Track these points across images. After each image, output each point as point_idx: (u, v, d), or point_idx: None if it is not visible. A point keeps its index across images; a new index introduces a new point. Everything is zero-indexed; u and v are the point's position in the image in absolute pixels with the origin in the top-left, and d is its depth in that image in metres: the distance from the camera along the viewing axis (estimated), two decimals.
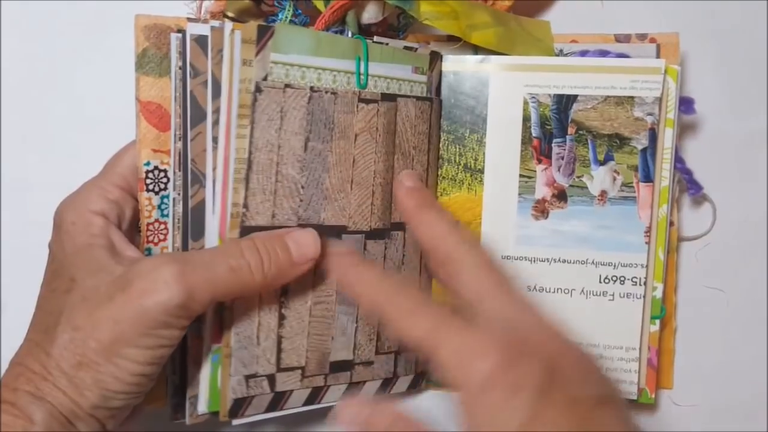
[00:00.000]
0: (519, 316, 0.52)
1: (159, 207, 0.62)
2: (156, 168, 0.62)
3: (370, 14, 0.64)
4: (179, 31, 0.59)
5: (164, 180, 0.62)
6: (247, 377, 0.60)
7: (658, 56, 0.68)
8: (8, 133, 0.72)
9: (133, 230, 0.63)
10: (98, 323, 0.53)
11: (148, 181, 0.62)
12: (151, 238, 0.62)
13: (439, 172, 0.68)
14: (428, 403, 0.73)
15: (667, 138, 0.66)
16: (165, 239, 0.62)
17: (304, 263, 0.59)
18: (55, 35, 0.72)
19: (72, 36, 0.72)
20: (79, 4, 0.72)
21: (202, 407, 0.61)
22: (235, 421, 0.61)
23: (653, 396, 0.68)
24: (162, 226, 0.62)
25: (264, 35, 0.57)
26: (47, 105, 0.72)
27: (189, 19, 0.60)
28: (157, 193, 0.62)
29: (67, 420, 0.52)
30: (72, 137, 0.72)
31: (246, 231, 0.58)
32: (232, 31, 0.57)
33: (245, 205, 0.58)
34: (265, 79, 0.57)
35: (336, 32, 0.63)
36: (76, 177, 0.62)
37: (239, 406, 0.60)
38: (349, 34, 0.63)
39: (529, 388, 0.47)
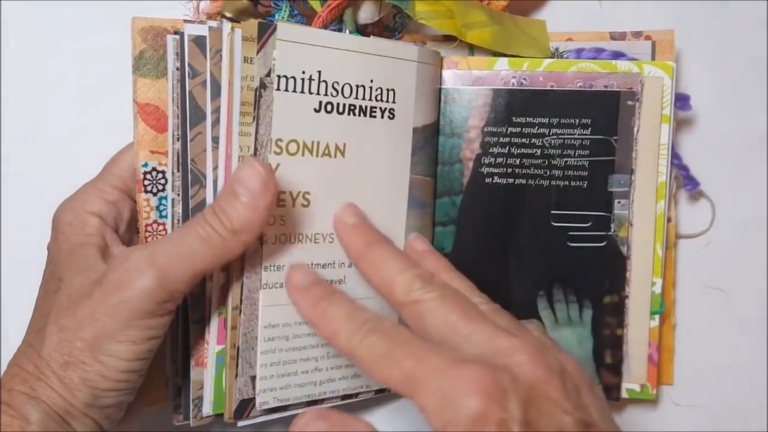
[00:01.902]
0: (493, 344, 0.49)
1: (157, 208, 0.62)
2: (154, 169, 0.61)
3: (366, 14, 0.64)
4: (176, 32, 0.59)
5: (162, 181, 0.62)
6: (254, 378, 0.59)
7: (653, 53, 0.68)
8: (8, 133, 0.71)
9: (131, 231, 0.63)
10: (82, 322, 0.53)
11: (146, 182, 0.61)
12: (149, 240, 0.62)
13: None
14: None
15: (663, 134, 0.66)
16: None
17: (263, 198, 0.54)
18: (55, 36, 0.72)
19: (71, 37, 0.71)
20: (79, 5, 0.71)
21: (207, 409, 0.61)
22: (241, 423, 0.60)
23: (654, 392, 0.68)
24: (160, 227, 0.62)
25: (265, 32, 0.57)
26: (47, 106, 0.72)
27: (186, 21, 0.60)
28: (155, 195, 0.62)
29: (62, 419, 0.53)
30: (72, 138, 0.71)
31: None
32: (233, 29, 0.57)
33: None
34: (268, 75, 0.57)
35: (334, 31, 0.63)
36: (75, 177, 0.62)
37: (245, 407, 0.59)
38: (347, 33, 0.63)
39: (516, 424, 0.45)
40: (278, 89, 0.57)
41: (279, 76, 0.57)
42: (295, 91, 0.58)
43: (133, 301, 0.52)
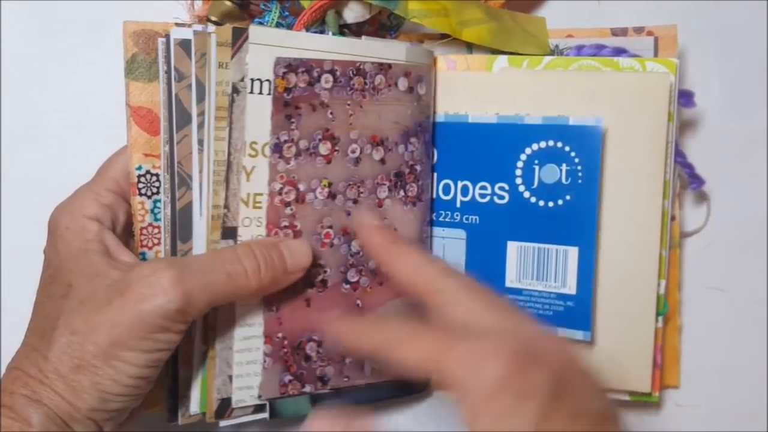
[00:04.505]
0: (519, 328, 0.51)
1: (152, 211, 0.62)
2: (148, 172, 0.62)
3: (356, 13, 0.64)
4: (166, 35, 0.60)
5: (156, 184, 0.62)
6: (231, 377, 0.60)
7: (656, 49, 0.67)
8: (8, 134, 0.73)
9: (127, 234, 0.63)
10: (96, 327, 0.53)
11: (140, 185, 0.62)
12: (145, 242, 0.62)
13: None
14: (431, 403, 0.73)
15: (667, 132, 0.64)
16: (159, 243, 0.63)
17: (297, 272, 0.59)
18: (54, 36, 0.73)
19: (70, 38, 0.72)
20: (78, 5, 0.72)
21: (194, 408, 0.61)
22: (222, 423, 0.61)
23: (657, 394, 0.66)
24: (155, 230, 0.62)
25: (239, 38, 0.57)
26: (46, 107, 0.73)
27: (177, 24, 0.61)
28: (149, 197, 0.62)
29: (64, 422, 0.53)
30: (70, 139, 0.72)
31: (228, 232, 0.58)
32: (209, 33, 0.58)
33: (226, 206, 0.58)
34: (242, 80, 0.57)
35: (316, 32, 0.63)
36: (75, 178, 0.62)
37: (226, 406, 0.60)
38: (330, 35, 0.63)
39: (538, 396, 0.46)
40: (251, 92, 0.57)
41: (252, 80, 0.57)
42: (270, 93, 0.58)
43: (151, 315, 0.53)
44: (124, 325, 0.53)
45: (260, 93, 0.58)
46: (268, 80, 0.58)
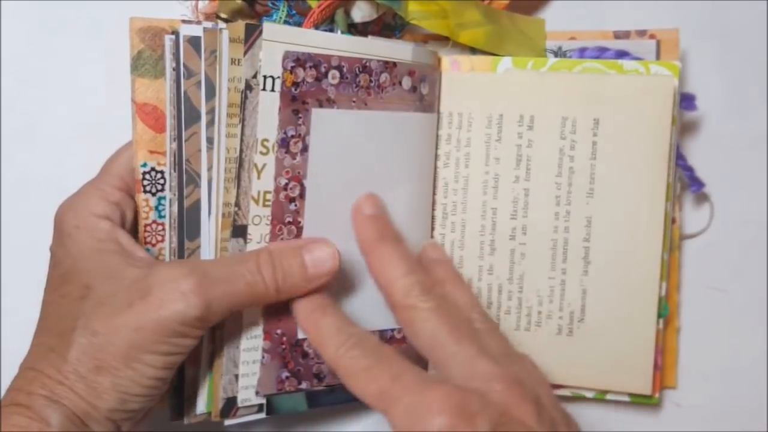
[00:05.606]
0: (472, 370, 0.51)
1: (156, 208, 0.62)
2: (153, 169, 0.62)
3: (364, 12, 0.64)
4: (173, 32, 0.60)
5: (161, 181, 0.62)
6: (238, 377, 0.60)
7: (658, 52, 0.67)
8: (8, 133, 0.72)
9: (134, 231, 0.63)
10: (117, 329, 0.53)
11: (145, 182, 0.62)
12: (149, 239, 0.62)
13: None
14: None
15: (670, 135, 0.65)
16: (162, 240, 0.62)
17: (320, 278, 0.58)
18: (55, 35, 0.72)
19: (71, 37, 0.72)
20: (78, 5, 0.72)
21: (201, 407, 0.61)
22: (228, 422, 0.61)
23: (658, 396, 0.67)
24: (159, 227, 0.62)
25: (252, 34, 0.57)
26: (45, 106, 0.72)
27: (183, 21, 0.60)
28: (154, 195, 0.62)
29: (82, 422, 0.53)
30: (70, 139, 0.72)
31: (238, 230, 0.58)
32: (220, 30, 0.58)
33: (237, 204, 0.58)
34: (254, 77, 0.57)
35: (325, 31, 0.63)
36: (75, 178, 0.62)
37: (231, 406, 0.60)
38: (339, 33, 0.63)
39: None
40: (264, 89, 0.57)
41: (265, 77, 0.57)
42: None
43: (171, 322, 0.53)
44: (144, 330, 0.53)
45: (272, 90, 0.57)
46: (279, 77, 0.58)
